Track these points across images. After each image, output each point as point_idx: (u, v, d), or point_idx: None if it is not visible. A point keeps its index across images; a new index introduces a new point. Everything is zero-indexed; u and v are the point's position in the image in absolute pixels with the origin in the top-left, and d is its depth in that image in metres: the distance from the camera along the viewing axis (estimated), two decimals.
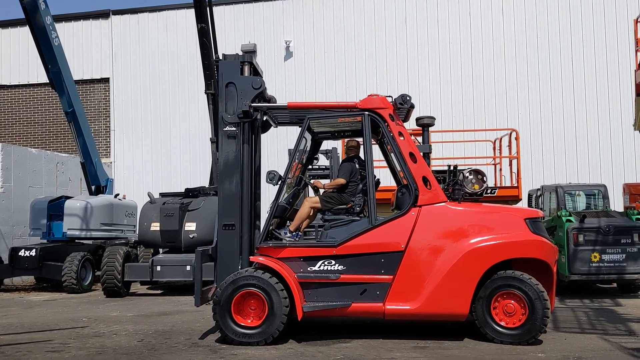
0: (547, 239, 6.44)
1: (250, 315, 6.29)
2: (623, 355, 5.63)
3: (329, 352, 5.94)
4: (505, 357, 5.63)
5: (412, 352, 5.91)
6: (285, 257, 6.47)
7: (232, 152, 6.74)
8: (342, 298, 6.33)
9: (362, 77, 18.41)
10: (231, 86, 6.77)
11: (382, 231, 6.37)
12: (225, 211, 6.71)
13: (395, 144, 6.55)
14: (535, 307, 6.09)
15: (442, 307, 6.22)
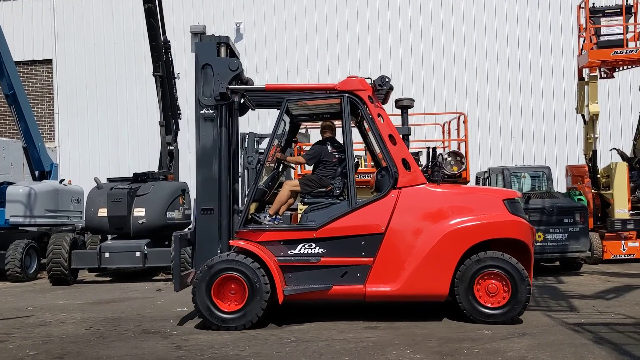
0: (525, 220, 6.52)
1: (231, 299, 6.22)
2: (565, 330, 5.86)
3: (281, 334, 5.96)
4: (454, 334, 5.78)
5: (363, 332, 5.99)
6: (265, 240, 6.41)
7: (209, 136, 6.61)
8: (322, 281, 6.32)
9: (313, 59, 18.34)
10: (207, 68, 6.63)
11: (362, 214, 6.37)
12: (203, 195, 6.62)
13: (375, 126, 6.53)
14: (518, 286, 6.15)
15: (422, 288, 6.25)
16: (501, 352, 5.13)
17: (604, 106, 13.97)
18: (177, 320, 6.87)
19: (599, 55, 11.21)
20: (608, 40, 11.24)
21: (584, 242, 10.44)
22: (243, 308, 6.13)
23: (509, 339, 5.58)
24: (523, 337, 5.61)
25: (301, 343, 5.60)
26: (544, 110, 17.67)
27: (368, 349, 5.32)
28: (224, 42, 6.73)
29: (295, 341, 5.68)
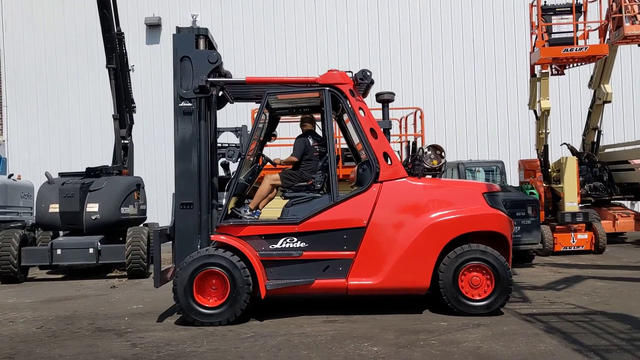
0: (504, 213, 6.59)
1: (212, 294, 6.16)
2: (517, 321, 6.00)
3: (239, 330, 5.92)
4: (410, 326, 5.85)
5: (322, 326, 6.00)
6: (246, 235, 6.35)
7: (188, 129, 6.51)
8: (305, 275, 6.29)
9: (271, 53, 18.26)
10: (186, 60, 6.51)
11: (344, 207, 6.37)
12: (182, 190, 6.51)
13: (356, 119, 6.49)
14: (501, 278, 6.22)
15: (404, 281, 6.29)
16: (456, 342, 5.22)
17: (555, 102, 14.37)
18: (132, 317, 6.75)
19: (550, 52, 11.49)
20: (559, 38, 11.54)
21: (536, 235, 10.71)
22: (225, 303, 6.08)
23: (464, 330, 5.68)
24: (477, 328, 5.73)
25: (259, 338, 5.58)
26: (497, 105, 18.05)
27: (326, 342, 5.34)
28: (202, 34, 6.61)
29: (253, 336, 5.65)
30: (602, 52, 11.59)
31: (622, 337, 5.25)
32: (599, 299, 6.87)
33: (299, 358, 4.92)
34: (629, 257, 10.93)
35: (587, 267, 9.87)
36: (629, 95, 18.01)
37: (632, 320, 5.89)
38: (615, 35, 11.66)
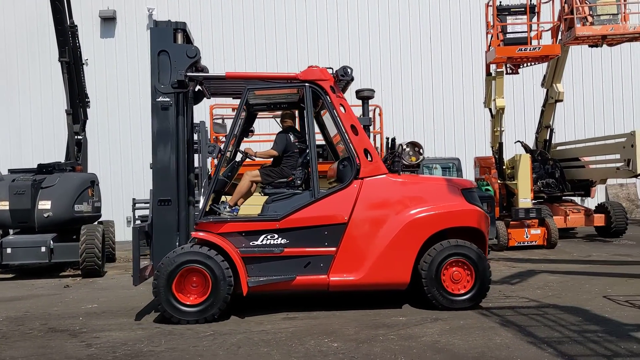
0: (481, 208, 6.69)
1: (192, 292, 6.06)
2: (474, 315, 6.12)
3: (198, 329, 5.85)
4: (370, 322, 5.90)
5: (282, 323, 5.99)
6: (226, 232, 6.28)
7: (166, 125, 6.37)
8: (286, 272, 6.27)
9: (229, 48, 18.09)
10: (163, 54, 6.37)
11: (325, 204, 6.35)
12: (160, 186, 6.39)
13: (337, 116, 6.48)
14: (481, 272, 6.33)
15: (385, 276, 6.32)
16: (415, 337, 5.29)
17: (509, 101, 14.68)
18: (87, 317, 6.59)
19: (505, 51, 11.74)
20: (513, 38, 11.80)
21: (491, 230, 10.93)
22: (206, 301, 6.00)
23: (423, 324, 5.76)
24: (435, 322, 5.81)
25: (219, 336, 5.52)
26: (454, 103, 18.35)
27: (286, 339, 5.33)
28: (180, 27, 6.46)
29: (212, 335, 5.59)
30: (555, 52, 11.91)
31: (573, 329, 5.41)
32: (551, 293, 7.06)
33: (258, 355, 4.89)
34: (579, 251, 11.28)
35: (540, 262, 10.14)
36: (580, 95, 18.56)
37: (582, 312, 6.08)
38: (567, 36, 11.99)
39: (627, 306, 6.32)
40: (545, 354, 4.66)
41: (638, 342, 4.91)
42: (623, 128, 17.16)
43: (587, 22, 11.57)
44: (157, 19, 6.53)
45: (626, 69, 18.85)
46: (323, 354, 4.86)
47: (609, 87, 18.87)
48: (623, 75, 18.91)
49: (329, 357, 4.79)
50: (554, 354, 4.65)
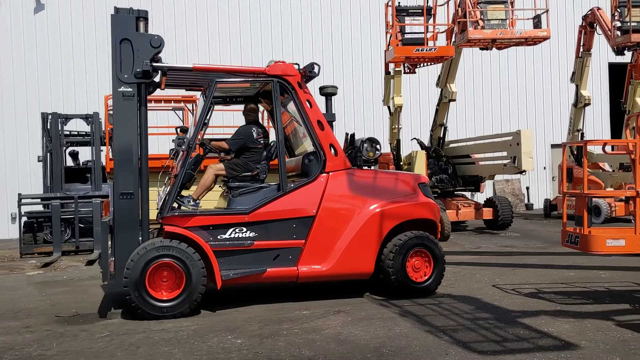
0: (434, 201, 7.05)
1: (163, 287, 5.92)
2: (375, 306, 6.29)
3: (93, 330, 5.57)
4: (274, 317, 5.89)
5: (183, 321, 5.82)
6: (194, 226, 6.17)
7: (129, 115, 6.13)
8: (255, 264, 6.31)
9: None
10: (126, 43, 6.14)
11: (293, 197, 6.46)
12: (122, 179, 6.11)
13: (304, 111, 6.59)
14: (439, 261, 6.75)
15: (351, 267, 6.53)
16: (318, 330, 5.35)
17: (406, 99, 15.20)
18: None
19: (403, 51, 12.14)
20: (411, 38, 12.23)
21: None
22: (180, 295, 5.91)
23: (326, 317, 5.84)
24: (338, 315, 5.91)
25: (116, 337, 5.29)
26: (354, 101, 18.72)
27: (188, 337, 5.20)
28: (143, 16, 6.26)
29: (109, 335, 5.35)
30: (449, 54, 12.47)
31: (466, 317, 5.70)
32: (445, 283, 7.37)
33: (159, 355, 4.74)
34: (470, 243, 11.89)
35: None
36: (471, 95, 19.58)
37: (474, 301, 6.42)
38: (461, 39, 12.59)
39: (514, 294, 6.74)
40: (442, 342, 4.88)
41: (524, 328, 5.26)
42: (509, 127, 18.31)
43: (479, 25, 12.21)
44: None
45: (512, 72, 20.13)
46: (226, 351, 4.79)
47: (497, 89, 20.06)
48: (510, 77, 20.17)
49: (232, 354, 4.73)
50: (450, 342, 4.87)
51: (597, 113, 20.56)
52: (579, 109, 15.45)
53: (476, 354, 4.54)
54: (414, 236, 6.70)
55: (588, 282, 7.38)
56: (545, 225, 14.83)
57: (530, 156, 11.97)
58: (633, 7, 13.17)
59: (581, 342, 4.79)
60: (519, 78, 20.19)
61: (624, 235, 5.89)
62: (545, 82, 20.46)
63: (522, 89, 20.24)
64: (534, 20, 12.62)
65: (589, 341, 4.81)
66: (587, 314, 5.68)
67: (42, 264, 9.97)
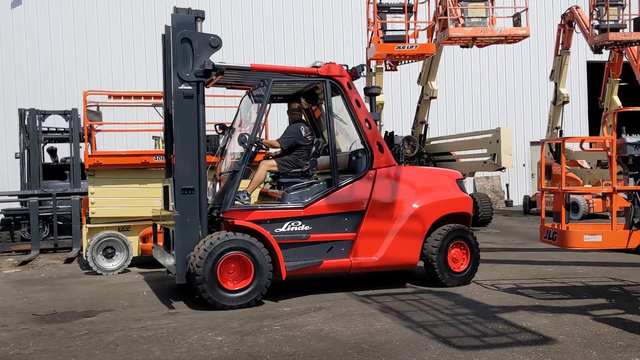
0: (469, 196, 7.48)
1: (229, 279, 6.14)
2: (356, 302, 6.31)
3: (71, 328, 5.51)
4: (255, 314, 5.88)
5: (163, 319, 5.80)
6: (253, 220, 6.38)
7: (189, 113, 6.35)
8: (312, 256, 6.59)
9: (93, 34, 17.16)
10: (186, 42, 6.32)
11: (345, 192, 6.76)
12: (184, 174, 6.33)
13: (353, 110, 6.86)
14: (474, 253, 7.15)
15: (399, 258, 6.89)
16: (299, 326, 5.35)
17: (388, 96, 15.25)
18: None
19: (384, 48, 12.15)
20: (392, 36, 12.24)
21: None
22: (249, 286, 6.14)
23: (307, 313, 5.84)
24: (319, 311, 5.91)
25: (94, 335, 5.24)
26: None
27: (168, 335, 5.17)
28: (200, 16, 6.46)
29: (87, 334, 5.29)
30: (430, 51, 12.52)
31: (446, 313, 5.74)
32: (425, 278, 7.41)
33: (138, 353, 4.70)
34: None
35: None
36: (452, 92, 19.70)
37: (454, 297, 6.47)
38: (441, 36, 12.63)
39: (494, 290, 6.81)
40: (422, 337, 4.90)
41: (503, 323, 5.32)
42: (489, 124, 18.46)
43: (459, 23, 12.26)
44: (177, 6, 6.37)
45: (492, 70, 20.29)
46: (207, 348, 4.77)
47: (477, 87, 20.21)
48: (490, 75, 20.34)
49: (212, 351, 4.71)
50: (430, 337, 4.91)
51: (576, 111, 20.83)
52: (558, 106, 15.61)
53: (456, 349, 4.58)
54: (453, 229, 7.07)
55: (566, 277, 7.48)
56: (524, 221, 14.98)
57: (509, 153, 12.07)
58: (610, 6, 13.34)
59: (559, 336, 4.86)
60: (499, 76, 20.37)
61: (600, 231, 5.97)
62: (524, 80, 20.68)
63: (502, 87, 20.42)
64: (514, 19, 12.71)
65: (567, 335, 4.87)
66: (565, 309, 5.76)
67: (20, 262, 9.83)
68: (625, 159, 5.96)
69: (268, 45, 18.31)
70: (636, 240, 5.86)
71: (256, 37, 18.31)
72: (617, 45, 13.87)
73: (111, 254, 8.69)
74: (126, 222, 9.03)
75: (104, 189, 8.86)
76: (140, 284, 7.77)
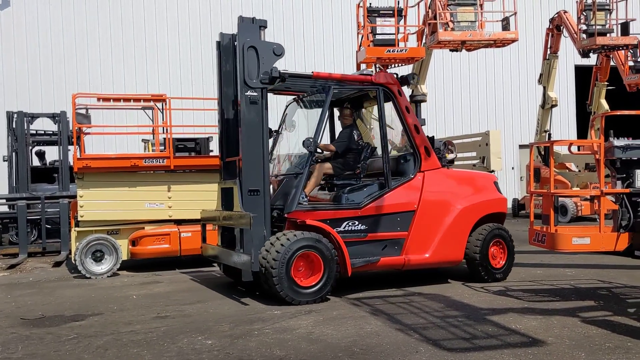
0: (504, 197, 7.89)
1: (299, 275, 6.40)
2: (346, 305, 6.30)
3: (60, 332, 5.47)
4: (245, 317, 5.87)
5: (152, 322, 5.77)
6: (315, 219, 6.68)
7: (255, 118, 6.68)
8: (370, 254, 6.93)
9: (82, 36, 17.09)
10: (251, 50, 6.64)
11: (397, 194, 7.10)
12: (250, 177, 6.66)
13: (403, 117, 7.24)
14: (511, 250, 7.57)
15: (446, 255, 7.26)
16: (290, 329, 5.34)
17: None
18: None
19: (374, 52, 12.16)
20: (382, 39, 12.26)
21: None
22: (320, 282, 6.43)
23: (297, 317, 5.83)
24: (309, 315, 5.91)
25: (83, 339, 5.21)
26: None
27: (158, 339, 5.14)
28: (263, 25, 6.82)
29: (76, 338, 5.26)
30: (420, 55, 12.55)
31: (436, 315, 5.76)
32: (415, 281, 7.44)
33: (128, 357, 4.68)
34: None
35: None
36: (441, 96, 19.79)
37: (444, 299, 6.49)
38: (431, 40, 12.69)
39: (483, 292, 6.84)
40: (412, 340, 4.92)
41: (493, 325, 5.34)
42: (479, 128, 18.57)
43: (449, 27, 12.33)
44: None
45: (482, 74, 20.41)
46: (197, 352, 4.75)
47: (466, 90, 20.31)
48: (479, 79, 20.45)
49: (202, 354, 4.69)
50: (420, 339, 4.92)
51: (564, 114, 21.00)
52: (546, 110, 15.73)
53: (446, 352, 4.59)
54: (493, 228, 7.45)
55: (555, 279, 7.53)
56: (513, 224, 15.05)
57: (499, 156, 12.16)
58: (598, 11, 13.48)
59: (548, 338, 4.88)
60: (488, 79, 20.50)
61: (589, 234, 6.02)
62: (513, 83, 20.82)
63: (491, 91, 20.55)
64: (503, 23, 12.79)
65: (556, 337, 4.91)
66: (554, 311, 5.80)
67: (8, 266, 9.75)
68: (612, 162, 6.02)
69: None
70: (624, 243, 5.91)
71: None
72: (605, 50, 14.02)
73: (100, 257, 8.65)
74: (115, 226, 8.99)
75: (93, 192, 8.82)
76: (130, 288, 7.73)
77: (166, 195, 9.17)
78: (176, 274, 8.74)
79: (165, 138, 9.35)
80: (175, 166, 9.13)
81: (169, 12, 17.72)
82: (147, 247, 8.90)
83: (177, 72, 17.65)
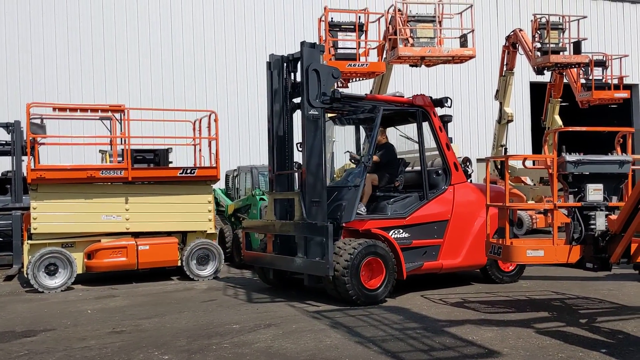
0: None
1: (364, 280, 6.89)
2: (306, 318, 6.29)
3: (10, 348, 5.30)
4: (202, 331, 5.79)
5: (107, 337, 5.64)
6: (367, 228, 7.28)
7: (317, 134, 7.30)
8: (414, 259, 7.54)
9: (38, 43, 16.73)
10: (313, 72, 7.27)
11: (433, 204, 7.80)
12: (313, 189, 7.23)
13: (437, 135, 7.98)
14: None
15: (474, 260, 7.89)
16: (249, 344, 5.30)
17: None
18: None
19: (336, 66, 12.25)
20: (344, 54, 12.37)
21: None
22: (382, 285, 6.99)
23: (256, 330, 5.78)
24: (269, 328, 5.87)
25: (34, 355, 5.05)
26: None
27: (113, 355, 5.03)
28: (322, 50, 7.71)
29: (27, 354, 5.10)
30: (380, 69, 12.71)
31: (395, 327, 5.80)
32: None
33: None
34: None
35: None
36: None
37: (403, 311, 6.54)
38: (391, 55, 12.87)
39: (441, 304, 6.93)
40: (371, 352, 4.93)
41: (450, 336, 5.41)
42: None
43: (409, 43, 12.53)
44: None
45: (440, 89, 20.79)
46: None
47: None
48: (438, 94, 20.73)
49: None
50: (379, 352, 4.94)
51: (520, 129, 21.53)
52: (503, 125, 16.09)
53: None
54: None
55: (510, 291, 7.68)
56: None
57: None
58: (552, 30, 13.90)
59: (503, 349, 4.97)
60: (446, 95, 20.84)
61: (542, 247, 6.17)
62: (471, 99, 21.25)
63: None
64: (461, 40, 13.07)
65: (511, 348, 5.00)
66: (509, 322, 5.91)
67: None
68: (565, 177, 6.19)
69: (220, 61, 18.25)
70: (576, 255, 6.07)
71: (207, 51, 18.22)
72: (558, 67, 14.46)
73: (54, 271, 8.43)
74: (70, 238, 8.78)
75: (47, 204, 8.60)
76: (85, 302, 7.55)
77: (124, 207, 9.00)
78: (133, 288, 8.57)
79: (124, 149, 9.20)
80: (133, 178, 8.98)
81: (129, 20, 17.51)
82: (103, 260, 8.70)
83: (136, 82, 17.42)
